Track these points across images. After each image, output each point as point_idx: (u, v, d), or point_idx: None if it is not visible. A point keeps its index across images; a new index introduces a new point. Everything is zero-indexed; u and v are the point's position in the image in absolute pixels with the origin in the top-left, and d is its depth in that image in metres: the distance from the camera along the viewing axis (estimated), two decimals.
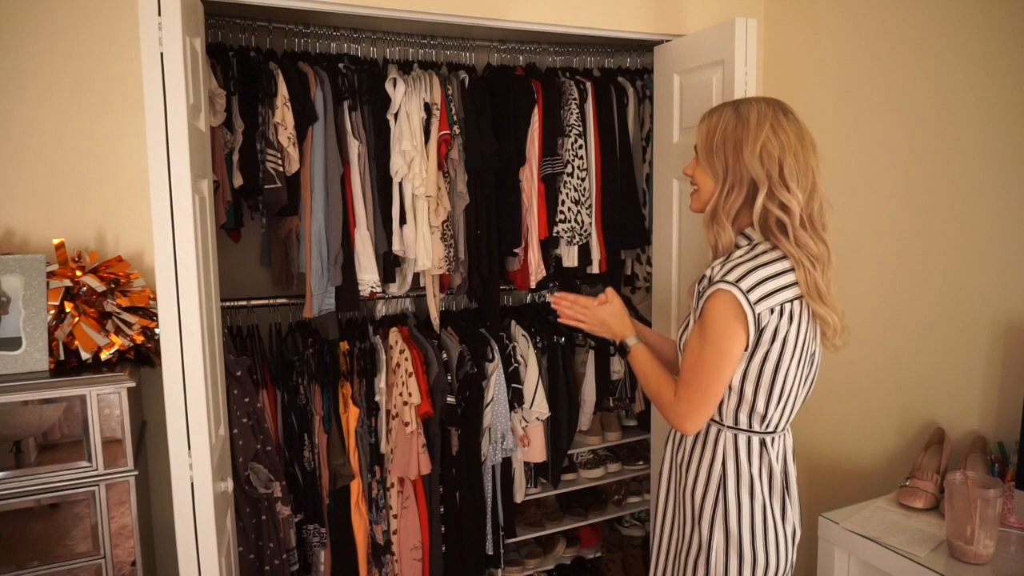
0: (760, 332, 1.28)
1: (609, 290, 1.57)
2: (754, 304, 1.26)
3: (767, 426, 1.36)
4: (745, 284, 1.26)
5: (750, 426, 1.36)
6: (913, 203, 1.91)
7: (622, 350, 1.50)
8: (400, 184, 2.22)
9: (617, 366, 2.74)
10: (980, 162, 1.75)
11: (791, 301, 1.29)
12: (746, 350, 1.30)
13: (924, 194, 1.88)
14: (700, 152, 1.37)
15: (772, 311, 1.28)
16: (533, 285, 2.47)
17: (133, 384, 1.61)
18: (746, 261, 1.29)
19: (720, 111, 1.36)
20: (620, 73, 2.64)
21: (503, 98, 2.37)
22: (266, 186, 2.02)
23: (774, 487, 1.38)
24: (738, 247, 1.36)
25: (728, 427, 1.37)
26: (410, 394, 2.23)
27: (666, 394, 1.37)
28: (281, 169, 2.04)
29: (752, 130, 1.29)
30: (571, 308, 1.56)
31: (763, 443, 1.37)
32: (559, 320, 1.60)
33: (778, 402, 1.34)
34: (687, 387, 1.33)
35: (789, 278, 1.29)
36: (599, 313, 1.53)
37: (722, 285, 1.27)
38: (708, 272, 1.34)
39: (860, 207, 2.05)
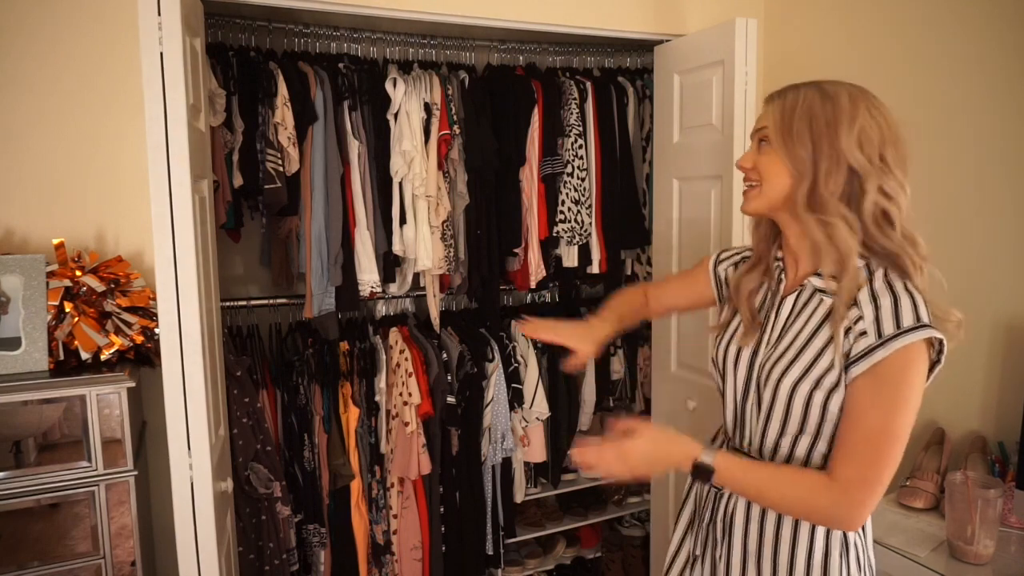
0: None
1: (631, 423, 1.14)
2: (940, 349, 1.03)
3: None
4: (933, 321, 1.02)
5: None
6: (913, 203, 1.91)
7: (702, 474, 1.09)
8: (400, 184, 2.22)
9: (617, 366, 2.74)
10: (980, 163, 1.75)
11: None
12: None
13: (924, 194, 1.88)
14: (775, 136, 1.09)
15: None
16: (533, 285, 2.47)
17: (133, 384, 1.61)
18: (910, 290, 1.04)
19: (797, 89, 1.11)
20: (620, 73, 2.63)
21: (503, 98, 2.37)
22: (266, 186, 2.02)
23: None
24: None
25: None
26: (410, 394, 2.23)
27: (816, 487, 1.05)
28: (281, 169, 2.04)
29: (846, 109, 1.06)
30: (595, 463, 1.12)
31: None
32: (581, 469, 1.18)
33: None
34: (861, 464, 1.02)
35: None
36: (631, 456, 1.11)
37: (928, 332, 1.00)
38: (869, 314, 1.03)
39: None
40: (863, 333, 1.02)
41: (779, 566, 1.14)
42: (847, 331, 1.04)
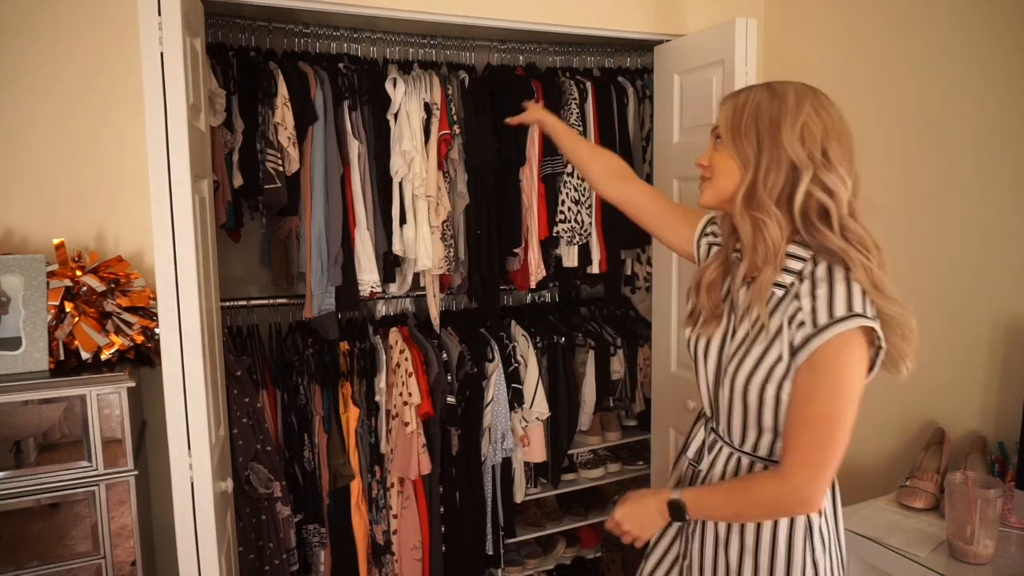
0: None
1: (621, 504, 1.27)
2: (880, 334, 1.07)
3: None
4: (870, 310, 1.06)
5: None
6: (913, 203, 1.91)
7: (677, 513, 1.20)
8: (400, 184, 2.22)
9: (617, 366, 2.74)
10: (981, 162, 1.75)
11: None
12: None
13: (924, 194, 1.88)
14: (724, 133, 1.14)
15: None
16: (533, 285, 2.47)
17: (133, 384, 1.61)
18: (847, 280, 1.08)
19: (749, 90, 1.15)
20: (620, 73, 2.64)
21: (503, 98, 2.37)
22: (266, 186, 2.02)
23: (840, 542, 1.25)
24: (794, 259, 1.12)
25: None
26: (410, 394, 2.23)
27: (764, 485, 1.14)
28: (281, 169, 2.04)
29: (791, 107, 1.09)
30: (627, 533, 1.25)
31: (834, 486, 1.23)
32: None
33: None
34: (804, 450, 1.08)
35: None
36: (625, 518, 1.24)
37: (860, 320, 1.04)
38: (806, 305, 1.08)
39: (860, 206, 2.05)
40: (802, 324, 1.08)
41: (745, 549, 1.21)
42: (790, 322, 1.10)
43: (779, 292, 1.12)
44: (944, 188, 1.83)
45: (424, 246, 2.23)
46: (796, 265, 1.12)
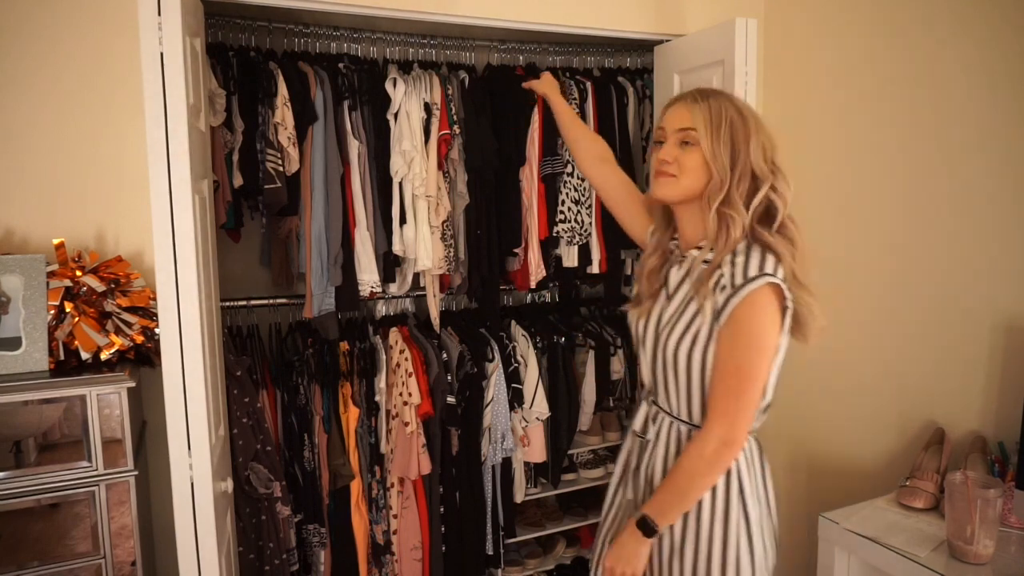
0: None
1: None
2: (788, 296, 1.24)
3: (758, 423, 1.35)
4: (780, 274, 1.23)
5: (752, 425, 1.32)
6: (914, 203, 1.91)
7: (646, 528, 1.33)
8: (400, 184, 2.22)
9: (617, 366, 2.74)
10: (980, 162, 1.75)
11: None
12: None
13: (924, 194, 1.88)
14: (704, 140, 1.27)
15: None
16: (533, 285, 2.47)
17: (133, 384, 1.61)
18: (764, 253, 1.25)
19: (716, 98, 1.30)
20: (620, 73, 2.63)
21: (503, 98, 2.37)
22: (266, 186, 2.02)
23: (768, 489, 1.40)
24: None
25: None
26: (410, 394, 2.23)
27: (691, 453, 1.29)
28: (281, 169, 2.04)
29: (752, 124, 1.28)
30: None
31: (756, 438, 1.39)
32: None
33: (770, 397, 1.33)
34: (721, 399, 1.25)
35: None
36: (615, 563, 1.35)
37: (768, 278, 1.21)
38: (727, 272, 1.25)
39: (860, 206, 2.05)
40: (724, 288, 1.25)
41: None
42: (715, 288, 1.26)
43: (708, 257, 1.30)
44: (945, 188, 1.83)
45: (424, 246, 2.23)
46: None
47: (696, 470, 1.29)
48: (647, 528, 1.32)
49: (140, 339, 1.70)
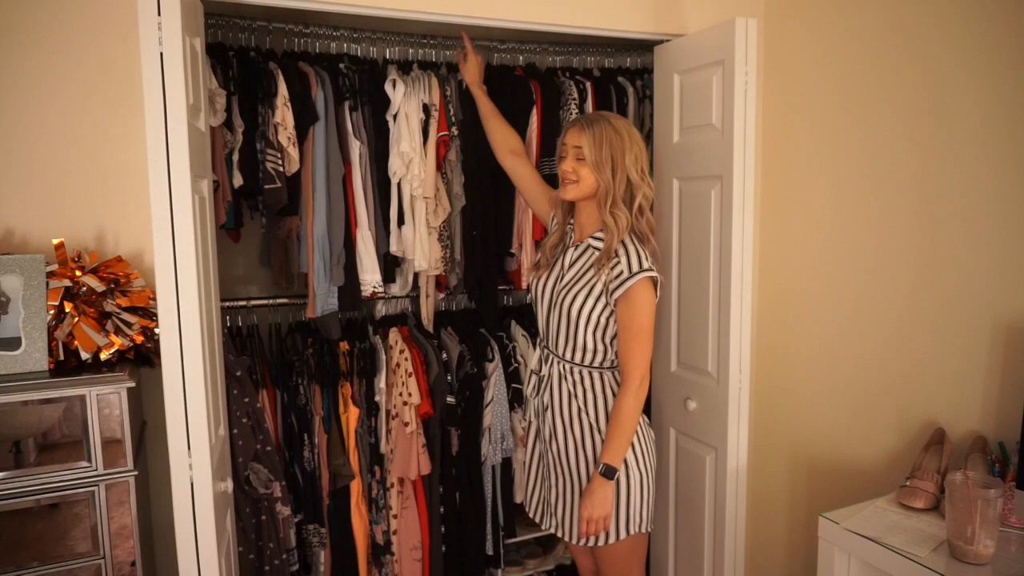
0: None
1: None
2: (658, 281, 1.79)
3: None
4: (652, 262, 1.77)
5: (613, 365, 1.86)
6: (914, 202, 1.91)
7: (609, 472, 1.76)
8: (399, 185, 2.22)
9: None
10: (981, 161, 1.75)
11: None
12: None
13: (925, 193, 1.88)
14: (589, 157, 1.74)
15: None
16: None
17: (133, 384, 1.61)
18: (643, 246, 1.78)
19: (601, 123, 1.76)
20: (620, 73, 2.63)
21: (502, 98, 2.37)
22: (266, 186, 2.02)
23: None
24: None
25: (607, 368, 1.84)
26: (410, 394, 2.23)
27: (621, 400, 1.76)
28: (281, 169, 2.04)
29: (627, 141, 1.75)
30: (595, 527, 1.77)
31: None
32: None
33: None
34: (633, 353, 1.75)
35: None
36: (591, 514, 1.75)
37: (650, 273, 1.74)
38: (624, 262, 1.74)
39: (860, 206, 2.05)
40: (620, 272, 1.74)
41: (584, 427, 1.85)
42: (611, 269, 1.76)
43: (598, 252, 1.80)
44: (945, 187, 1.83)
45: (421, 247, 2.23)
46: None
47: (632, 408, 1.75)
48: (609, 472, 1.75)
49: (140, 339, 1.70)
